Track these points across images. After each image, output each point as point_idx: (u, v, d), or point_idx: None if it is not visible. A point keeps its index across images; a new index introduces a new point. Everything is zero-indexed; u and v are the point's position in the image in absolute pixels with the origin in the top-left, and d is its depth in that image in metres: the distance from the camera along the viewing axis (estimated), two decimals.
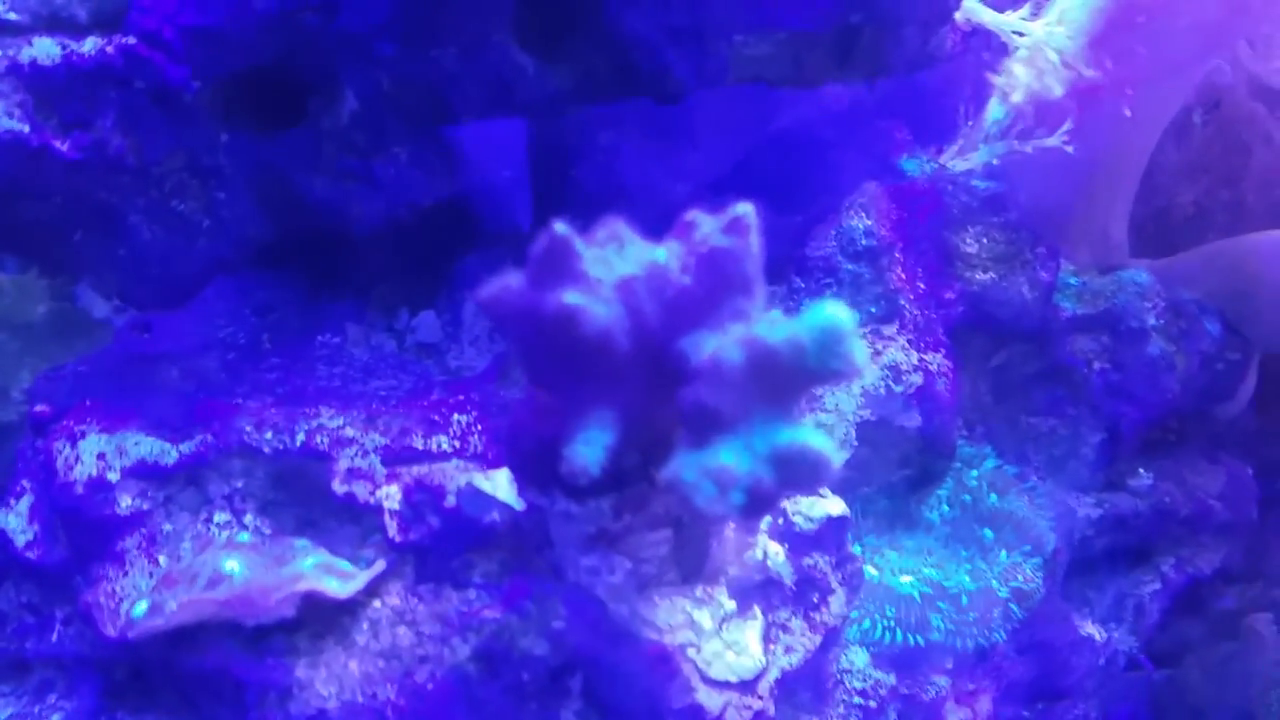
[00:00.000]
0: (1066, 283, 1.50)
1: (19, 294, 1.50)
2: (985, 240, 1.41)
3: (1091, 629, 1.44)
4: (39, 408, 1.15)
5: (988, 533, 1.32)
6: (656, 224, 1.02)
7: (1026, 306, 1.39)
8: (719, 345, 0.94)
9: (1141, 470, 1.47)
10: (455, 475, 1.10)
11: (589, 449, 0.95)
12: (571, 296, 0.93)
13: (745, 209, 0.98)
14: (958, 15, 1.57)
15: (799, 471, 0.93)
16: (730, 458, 0.92)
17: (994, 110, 1.65)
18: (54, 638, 1.12)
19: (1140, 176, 1.63)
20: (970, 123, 1.66)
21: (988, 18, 1.60)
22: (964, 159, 1.59)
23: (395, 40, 1.20)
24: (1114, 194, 1.66)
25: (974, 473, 1.36)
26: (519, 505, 1.08)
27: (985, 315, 1.40)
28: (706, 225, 0.99)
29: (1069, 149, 1.59)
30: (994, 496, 1.34)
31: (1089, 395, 1.45)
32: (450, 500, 1.08)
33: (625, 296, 0.96)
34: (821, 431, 0.96)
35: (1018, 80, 1.37)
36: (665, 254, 0.99)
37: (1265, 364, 1.64)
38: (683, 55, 1.24)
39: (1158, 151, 1.69)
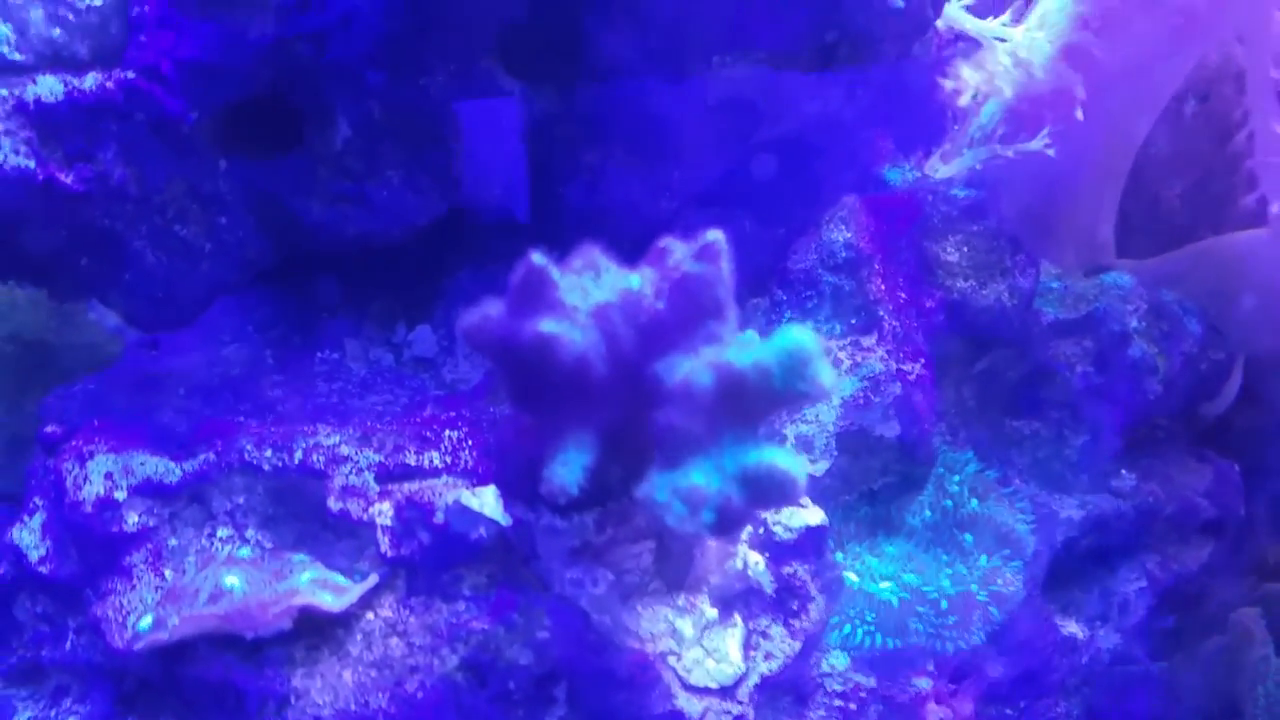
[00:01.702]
0: (1049, 287, 1.53)
1: (34, 313, 1.56)
2: (966, 249, 1.44)
3: (1075, 628, 1.47)
4: (50, 428, 1.21)
5: (968, 537, 1.35)
6: (641, 240, 1.06)
7: (1006, 313, 1.42)
8: (690, 369, 0.99)
9: (1124, 471, 1.50)
10: (445, 492, 1.14)
11: (567, 470, 0.99)
12: (548, 325, 0.98)
13: (716, 235, 1.02)
14: (939, 23, 1.60)
15: (768, 491, 0.97)
16: (700, 478, 0.97)
17: (979, 116, 1.69)
18: (67, 646, 1.18)
19: (1125, 177, 1.66)
20: (956, 128, 1.70)
21: (969, 25, 1.63)
22: (947, 165, 1.62)
23: (384, 69, 1.24)
24: (1098, 195, 1.69)
25: (956, 478, 1.40)
26: (505, 521, 1.13)
27: (966, 323, 1.43)
28: (679, 252, 1.03)
29: (1051, 152, 1.62)
30: (974, 502, 1.37)
31: (1071, 399, 1.48)
32: (439, 517, 1.13)
33: (601, 323, 1.01)
34: (790, 451, 1.00)
35: (965, 82, 1.39)
36: (639, 281, 1.03)
37: (1250, 363, 1.67)
38: (661, 76, 1.28)
39: (1148, 144, 1.71)
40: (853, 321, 1.34)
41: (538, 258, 0.98)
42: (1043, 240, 1.69)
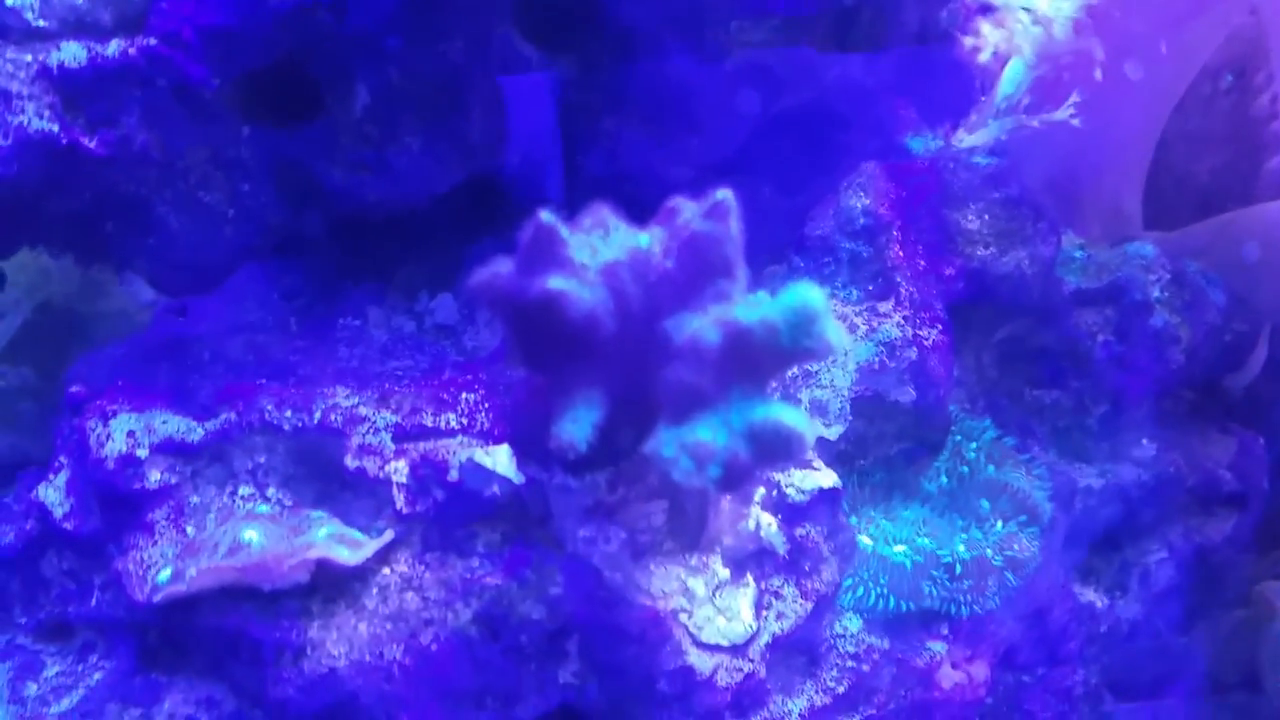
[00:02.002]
0: (1071, 256, 1.52)
1: (65, 280, 1.59)
2: (986, 216, 1.43)
3: (1093, 596, 1.47)
4: (75, 389, 1.23)
5: (984, 503, 1.35)
6: (659, 208, 1.07)
7: (1026, 281, 1.42)
8: (698, 326, 0.99)
9: (1145, 441, 1.49)
10: (459, 451, 1.16)
11: (576, 426, 1.00)
12: (556, 281, 0.99)
13: (725, 194, 1.03)
14: None
15: (774, 447, 0.98)
16: (707, 434, 0.97)
17: (1005, 85, 1.68)
18: (93, 602, 1.20)
19: (1151, 148, 1.65)
20: (984, 99, 1.69)
21: (1025, 19, 1.63)
22: (972, 135, 1.62)
23: (403, 35, 1.25)
24: (1124, 166, 1.68)
25: (973, 445, 1.40)
26: (518, 479, 1.14)
27: (986, 290, 1.42)
28: (688, 211, 1.03)
29: (1075, 122, 1.61)
30: (991, 468, 1.37)
31: (1092, 368, 1.48)
32: (454, 474, 1.15)
33: (610, 280, 1.02)
34: (798, 409, 1.01)
35: (986, 39, 1.39)
36: (648, 239, 1.03)
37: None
38: (680, 42, 1.28)
39: (1182, 119, 1.70)
40: (870, 288, 1.34)
41: (546, 215, 0.99)
42: (1068, 210, 1.69)
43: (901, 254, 1.35)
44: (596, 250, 1.02)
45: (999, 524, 1.34)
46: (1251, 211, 1.60)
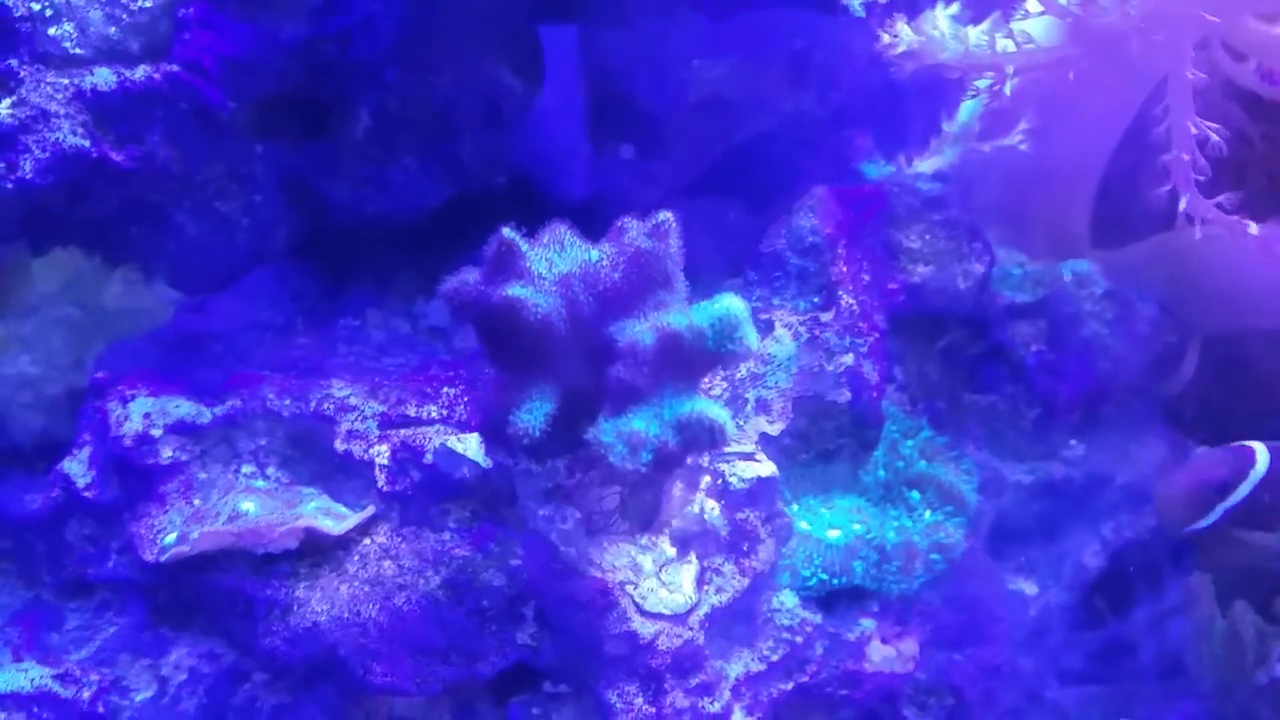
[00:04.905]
0: (1010, 273, 1.65)
1: (95, 279, 1.74)
2: (928, 237, 1.57)
3: (1022, 584, 1.60)
4: (99, 374, 1.39)
5: (915, 495, 1.49)
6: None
7: (959, 295, 1.56)
8: (636, 330, 1.14)
9: (1073, 441, 1.63)
10: (435, 437, 1.31)
11: (531, 416, 1.15)
12: (515, 289, 1.14)
13: (666, 216, 1.17)
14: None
15: (698, 436, 1.13)
16: (641, 424, 1.12)
17: (961, 113, 1.81)
18: (110, 564, 1.36)
19: (1097, 175, 1.77)
20: (946, 125, 1.83)
21: (946, 29, 1.76)
22: (925, 161, 1.76)
23: (399, 67, 1.40)
24: (1071, 191, 1.81)
25: (910, 442, 1.53)
26: (486, 463, 1.29)
27: (925, 304, 1.56)
28: (634, 230, 1.18)
29: (1024, 148, 1.75)
30: (923, 463, 1.51)
31: (1026, 374, 1.61)
32: (429, 458, 1.30)
33: (563, 290, 1.16)
34: (719, 404, 1.15)
35: (900, 39, 1.50)
36: (599, 254, 1.18)
37: (1210, 347, 1.77)
38: (646, 78, 1.43)
39: (1124, 146, 1.82)
40: (815, 299, 1.48)
41: (508, 231, 1.14)
42: (1017, 231, 1.82)
43: (845, 269, 1.49)
44: (553, 263, 1.17)
45: (927, 513, 1.48)
46: (1182, 232, 1.72)
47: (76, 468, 1.36)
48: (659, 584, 1.30)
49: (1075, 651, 1.67)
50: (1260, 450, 1.46)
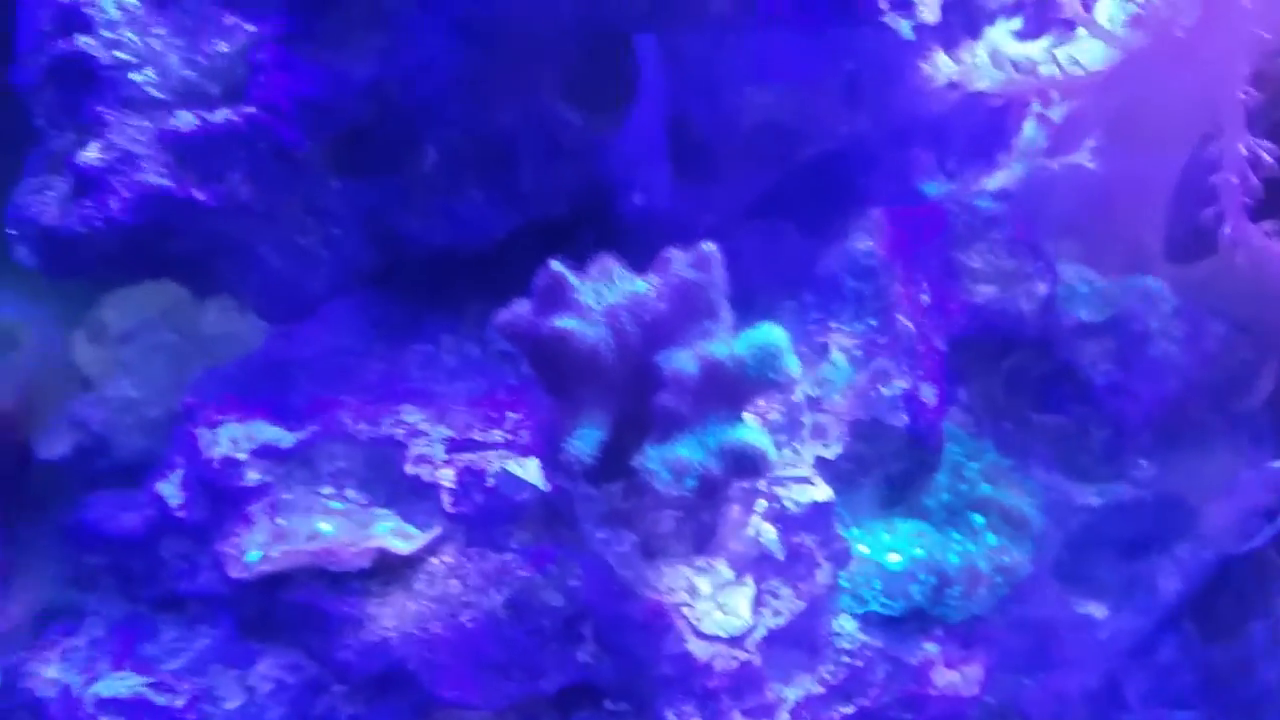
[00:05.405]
0: (1078, 291, 1.64)
1: (192, 306, 1.84)
2: (989, 256, 1.58)
3: (1092, 608, 1.59)
4: (189, 399, 1.47)
5: (979, 518, 1.49)
6: (686, 248, 1.25)
7: (1023, 315, 1.56)
8: (681, 360, 1.18)
9: (1144, 462, 1.61)
10: (497, 461, 1.36)
11: (583, 443, 1.19)
12: (564, 321, 1.18)
13: (710, 248, 1.21)
14: (982, 49, 1.73)
15: (741, 463, 1.16)
16: (685, 451, 1.16)
17: (1028, 130, 1.81)
18: (201, 580, 1.43)
19: (1166, 192, 1.75)
20: (1014, 142, 1.83)
21: (1011, 50, 1.76)
22: (991, 179, 1.76)
23: (462, 105, 1.46)
24: (1143, 207, 1.79)
25: (974, 465, 1.54)
26: (545, 487, 1.34)
27: (988, 325, 1.57)
28: (679, 260, 1.22)
29: (1091, 166, 1.74)
30: (987, 486, 1.51)
31: (1094, 394, 1.60)
32: (491, 481, 1.35)
33: (611, 320, 1.20)
34: (763, 430, 1.18)
35: (940, 70, 1.51)
36: (645, 285, 1.22)
37: None
38: (698, 106, 1.47)
39: (1195, 161, 1.80)
40: (871, 322, 1.50)
41: (556, 265, 1.19)
42: (1087, 247, 1.80)
43: (902, 291, 1.50)
44: (601, 294, 1.21)
45: (991, 537, 1.48)
46: (1256, 247, 1.69)
47: (169, 489, 1.45)
48: (715, 606, 1.33)
49: (1146, 675, 1.65)
50: None
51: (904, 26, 1.45)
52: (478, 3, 1.41)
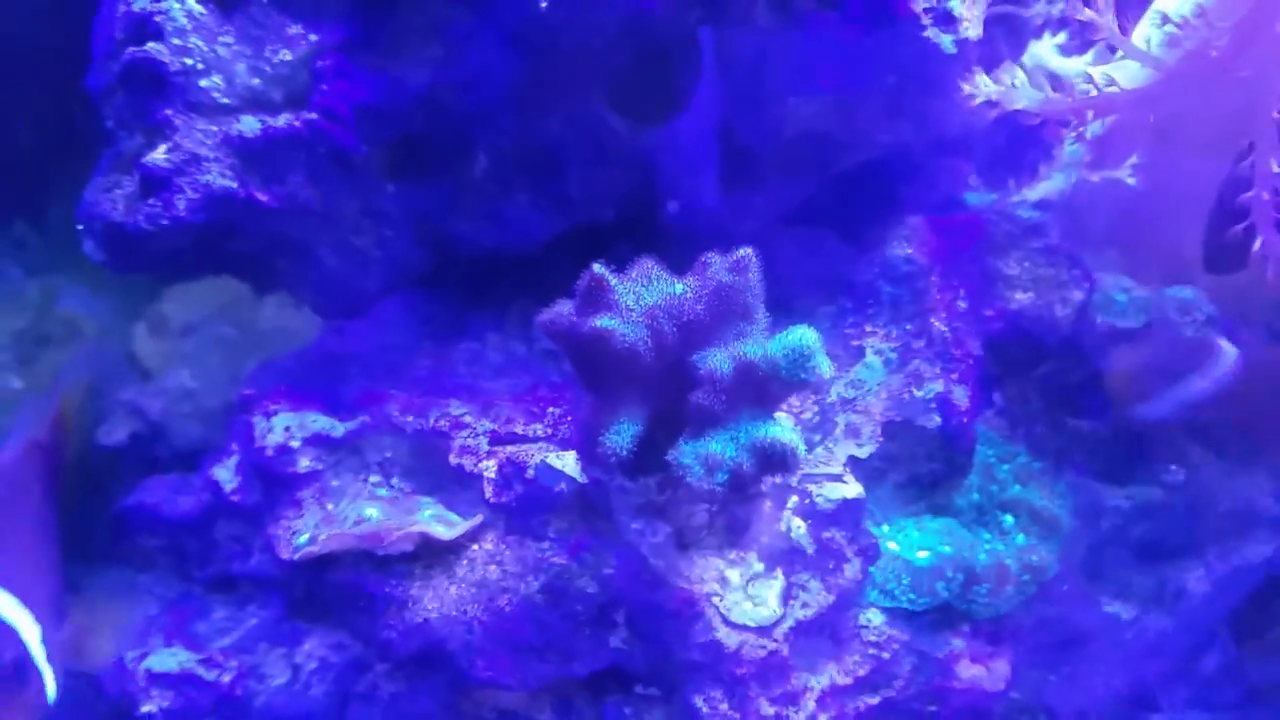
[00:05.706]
0: (1114, 299, 1.67)
1: (250, 302, 1.92)
2: (1026, 264, 1.61)
3: (1118, 607, 1.61)
4: (246, 390, 1.54)
5: (1008, 518, 1.52)
6: (726, 253, 1.30)
7: (1058, 321, 1.59)
8: (716, 359, 1.22)
9: (1174, 466, 1.63)
10: (537, 454, 1.41)
11: (619, 437, 1.24)
12: (603, 320, 1.23)
13: (746, 252, 1.25)
14: (1026, 61, 1.77)
15: (771, 459, 1.20)
16: (717, 447, 1.20)
17: (1069, 144, 1.84)
18: (252, 562, 1.51)
19: (1207, 203, 1.77)
20: (1056, 153, 1.86)
21: (1055, 64, 1.79)
22: (1033, 190, 1.79)
23: (512, 112, 1.52)
24: (1183, 218, 1.81)
25: (1006, 466, 1.57)
26: (582, 479, 1.39)
27: (1024, 331, 1.60)
28: (716, 264, 1.26)
29: (1131, 181, 1.76)
30: (1017, 487, 1.54)
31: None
32: (531, 473, 1.40)
33: (649, 321, 1.25)
34: (793, 428, 1.22)
35: (980, 89, 1.54)
36: (682, 287, 1.27)
37: None
38: (742, 115, 1.51)
39: (1235, 172, 1.81)
40: (907, 326, 1.53)
41: (598, 267, 1.24)
42: (1128, 257, 1.83)
43: (939, 297, 1.54)
44: (640, 296, 1.26)
45: (1020, 536, 1.51)
46: None
47: (224, 474, 1.52)
48: (745, 597, 1.38)
49: (1174, 675, 1.67)
50: None
51: (946, 41, 1.49)
52: (530, 14, 1.46)
